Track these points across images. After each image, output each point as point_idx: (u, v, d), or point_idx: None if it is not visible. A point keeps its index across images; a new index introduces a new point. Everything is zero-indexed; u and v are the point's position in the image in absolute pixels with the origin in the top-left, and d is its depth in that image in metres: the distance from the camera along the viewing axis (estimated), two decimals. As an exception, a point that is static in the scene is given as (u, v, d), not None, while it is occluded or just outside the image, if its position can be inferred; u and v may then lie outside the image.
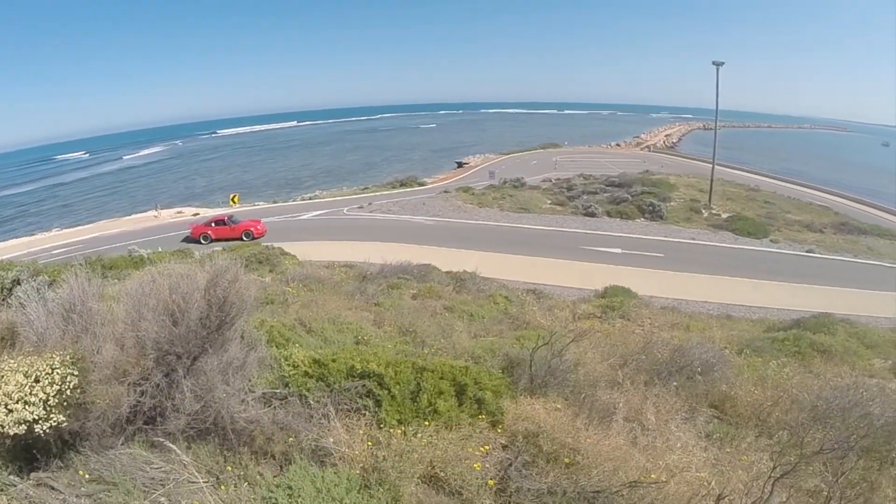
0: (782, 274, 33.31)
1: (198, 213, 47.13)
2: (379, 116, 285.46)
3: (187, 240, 38.93)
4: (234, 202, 50.86)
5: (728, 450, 6.51)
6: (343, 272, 22.68)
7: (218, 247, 28.46)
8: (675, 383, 8.48)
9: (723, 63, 51.81)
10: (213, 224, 40.04)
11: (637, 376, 8.49)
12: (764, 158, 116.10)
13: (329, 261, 26.13)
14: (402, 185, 61.83)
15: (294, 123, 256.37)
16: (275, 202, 55.28)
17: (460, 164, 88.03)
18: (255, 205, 53.66)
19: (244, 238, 38.17)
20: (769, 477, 4.77)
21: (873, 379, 12.39)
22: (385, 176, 76.01)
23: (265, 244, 27.47)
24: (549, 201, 50.33)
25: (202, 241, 38.15)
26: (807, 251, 40.10)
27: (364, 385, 6.12)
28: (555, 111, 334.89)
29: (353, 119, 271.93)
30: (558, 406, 6.70)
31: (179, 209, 53.13)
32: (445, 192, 53.06)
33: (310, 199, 57.13)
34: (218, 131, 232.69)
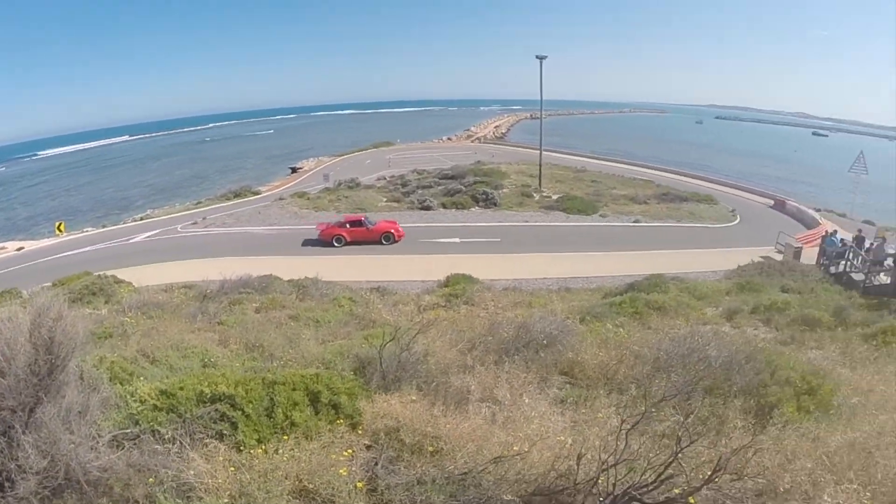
0: (614, 244, 35.87)
1: (22, 248, 42.71)
2: (212, 125, 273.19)
3: (311, 242, 36.03)
4: (60, 231, 46.35)
5: (583, 411, 6.94)
6: (182, 294, 21.83)
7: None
8: (523, 358, 8.90)
9: (546, 57, 54.19)
10: (347, 225, 36.21)
11: (486, 357, 8.85)
12: (589, 142, 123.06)
13: (167, 283, 24.94)
14: (237, 195, 59.72)
15: (126, 138, 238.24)
16: (104, 227, 51.13)
17: (294, 170, 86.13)
18: (84, 231, 49.61)
19: (383, 241, 35.64)
20: (619, 430, 5.10)
21: (707, 326, 13.69)
22: (218, 188, 72.94)
23: (97, 273, 25.53)
24: (385, 199, 50.53)
25: (335, 244, 35.19)
26: (634, 221, 43.51)
27: (216, 409, 6.01)
28: (388, 110, 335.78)
29: (185, 130, 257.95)
30: (413, 398, 6.82)
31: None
32: (280, 199, 51.90)
33: (141, 219, 53.50)
34: (39, 153, 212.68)
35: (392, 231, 36.20)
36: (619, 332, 11.98)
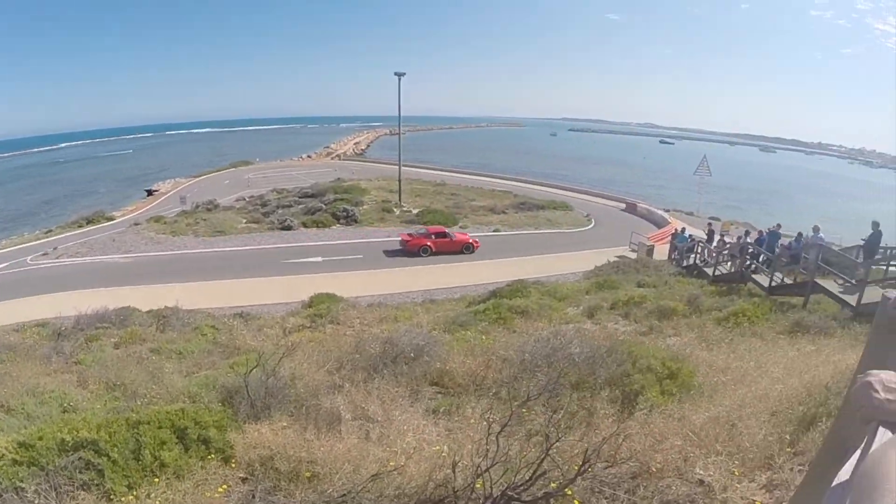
0: (475, 254, 36.88)
1: None
2: (65, 145, 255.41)
3: (395, 252, 37.65)
4: None
5: (456, 419, 7.05)
6: (35, 333, 20.19)
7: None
8: (392, 372, 8.92)
9: (404, 73, 54.88)
10: (433, 236, 38.28)
11: (355, 375, 8.78)
12: (448, 156, 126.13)
13: (18, 322, 22.96)
14: (90, 221, 55.86)
15: None
16: None
17: (150, 192, 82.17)
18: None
19: (464, 251, 37.67)
20: (488, 433, 5.14)
21: (570, 325, 14.17)
22: (70, 214, 68.18)
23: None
24: (245, 220, 49.18)
25: (421, 254, 36.88)
26: (494, 231, 44.84)
27: (80, 457, 5.59)
28: (247, 128, 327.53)
29: (35, 151, 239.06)
30: (284, 424, 6.68)
31: None
32: (136, 224, 49.26)
33: None
34: None
35: (471, 242, 38.62)
36: (485, 338, 12.23)
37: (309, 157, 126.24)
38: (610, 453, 5.06)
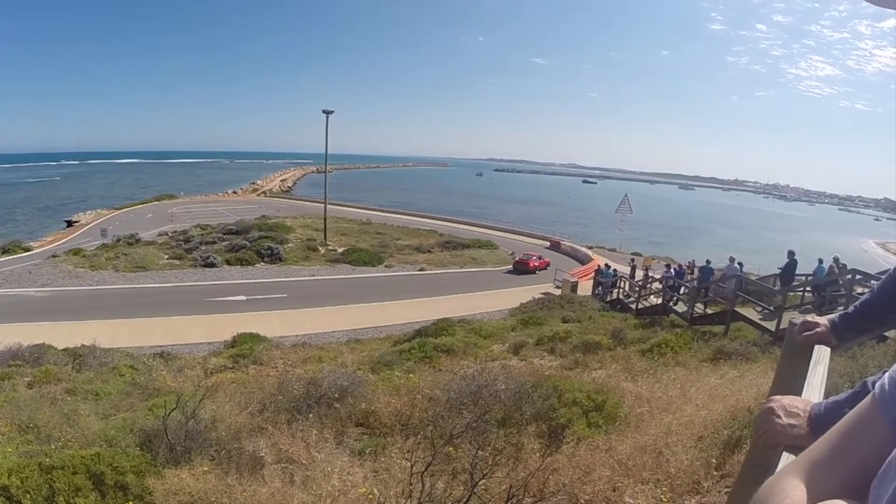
0: (401, 293, 36.72)
1: None
2: None
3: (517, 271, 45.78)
4: None
5: (382, 459, 6.93)
6: None
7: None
8: (316, 414, 8.80)
9: (332, 111, 55.39)
10: (540, 258, 48.28)
11: (278, 417, 8.65)
12: (374, 195, 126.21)
13: None
14: (5, 251, 53.33)
15: None
16: None
17: (70, 223, 79.52)
18: None
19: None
20: (411, 473, 5.16)
21: (496, 362, 14.24)
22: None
23: None
24: (167, 256, 47.86)
25: (535, 273, 44.96)
26: (419, 270, 44.96)
27: None
28: (173, 160, 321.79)
29: None
30: (206, 468, 6.51)
31: None
32: (54, 256, 47.34)
33: None
34: None
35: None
36: (410, 377, 12.20)
37: (235, 192, 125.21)
38: (538, 487, 5.11)
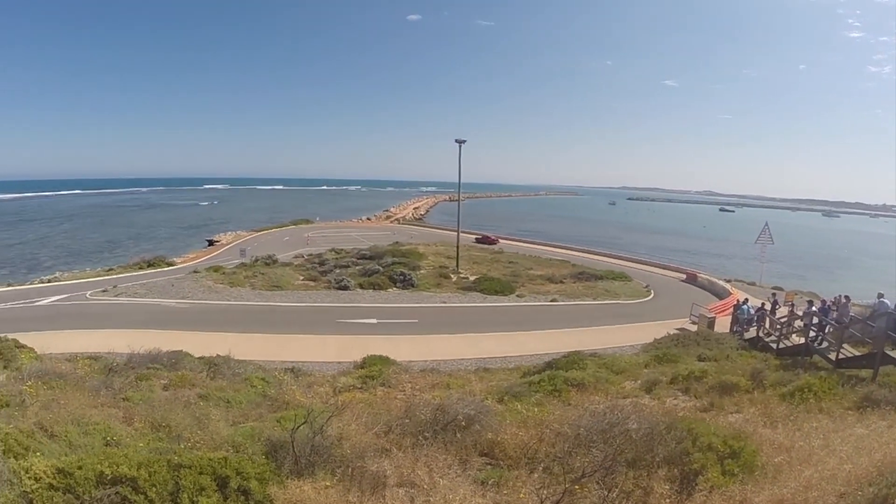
0: (532, 324, 36.04)
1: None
2: (131, 190, 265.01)
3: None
4: None
5: (505, 492, 6.73)
6: (87, 365, 20.34)
7: None
8: (442, 440, 8.69)
9: (465, 140, 55.67)
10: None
11: (403, 440, 8.63)
12: (506, 223, 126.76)
13: (72, 353, 23.28)
14: (150, 265, 57.58)
15: (32, 194, 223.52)
16: (9, 285, 47.75)
17: (211, 243, 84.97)
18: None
19: None
20: None
21: (627, 399, 13.69)
22: (132, 255, 70.51)
23: (-1, 335, 23.85)
24: (302, 277, 49.67)
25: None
26: (551, 301, 44.10)
27: (117, 492, 5.53)
28: (312, 187, 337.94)
29: (108, 192, 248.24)
30: (328, 483, 6.53)
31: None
32: (195, 271, 50.40)
33: (49, 281, 50.58)
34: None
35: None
36: (538, 410, 11.88)
37: (368, 219, 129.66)
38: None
